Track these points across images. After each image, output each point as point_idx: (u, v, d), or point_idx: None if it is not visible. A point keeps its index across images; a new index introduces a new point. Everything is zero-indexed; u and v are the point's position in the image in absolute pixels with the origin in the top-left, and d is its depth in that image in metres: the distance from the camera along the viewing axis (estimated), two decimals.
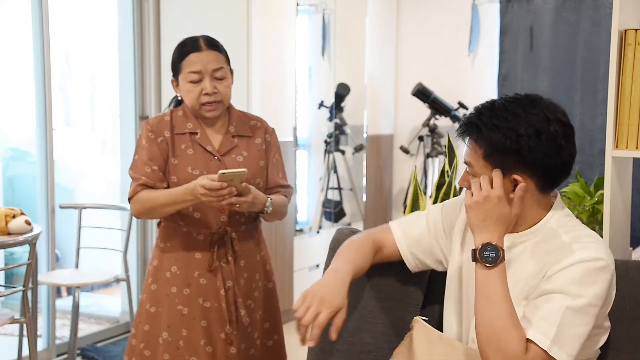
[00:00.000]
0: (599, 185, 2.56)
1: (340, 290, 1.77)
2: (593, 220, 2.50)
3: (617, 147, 2.16)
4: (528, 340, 1.62)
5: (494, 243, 1.66)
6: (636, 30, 2.13)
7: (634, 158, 2.22)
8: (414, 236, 1.93)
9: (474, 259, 1.67)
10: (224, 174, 2.20)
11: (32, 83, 4.03)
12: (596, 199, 2.53)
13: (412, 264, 1.96)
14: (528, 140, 1.65)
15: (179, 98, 2.52)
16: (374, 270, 2.06)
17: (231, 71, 2.48)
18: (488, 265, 1.65)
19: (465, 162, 1.75)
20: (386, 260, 1.97)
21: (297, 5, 4.72)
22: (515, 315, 1.63)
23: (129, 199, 2.42)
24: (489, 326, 1.63)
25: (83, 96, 5.87)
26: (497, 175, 1.69)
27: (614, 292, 1.75)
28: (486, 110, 1.71)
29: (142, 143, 2.44)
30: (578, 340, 1.63)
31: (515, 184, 1.68)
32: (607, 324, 1.78)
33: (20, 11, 4.34)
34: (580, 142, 5.23)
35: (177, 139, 2.43)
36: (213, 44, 2.45)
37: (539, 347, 1.61)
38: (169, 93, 4.60)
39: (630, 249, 2.42)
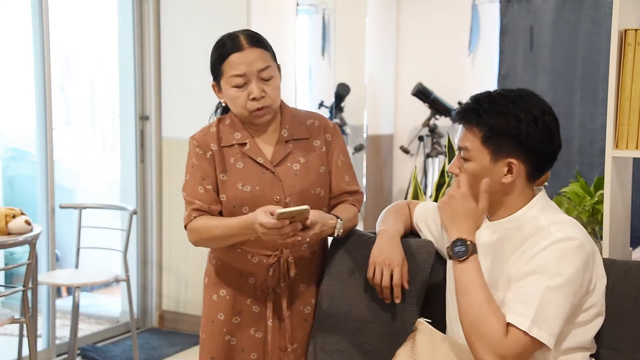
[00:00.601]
0: (599, 185, 2.56)
1: (396, 247, 2.04)
2: (593, 220, 2.49)
3: (617, 147, 2.16)
4: (508, 324, 1.67)
5: (463, 237, 1.76)
6: (636, 30, 2.13)
7: (634, 158, 2.22)
8: (426, 220, 2.14)
9: (449, 255, 1.77)
10: (282, 213, 1.88)
11: (32, 83, 4.03)
12: (596, 199, 2.53)
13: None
14: (527, 126, 1.76)
15: (223, 104, 2.22)
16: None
17: (278, 67, 2.15)
18: (460, 259, 1.75)
19: (460, 147, 1.83)
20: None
21: (297, 5, 4.72)
22: (493, 302, 1.70)
23: (185, 226, 2.17)
24: (468, 315, 1.71)
25: (83, 96, 5.87)
26: (463, 176, 1.82)
27: (602, 279, 1.79)
28: (485, 98, 1.82)
29: (192, 161, 2.17)
30: (558, 320, 1.67)
31: (510, 168, 1.78)
32: (601, 307, 1.80)
33: (20, 11, 4.34)
34: (580, 142, 5.26)
35: (226, 152, 2.15)
36: (256, 40, 2.11)
37: (519, 329, 1.66)
38: (169, 93, 4.61)
39: (630, 249, 2.42)
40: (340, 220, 2.10)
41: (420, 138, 5.44)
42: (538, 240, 1.73)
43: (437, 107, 5.26)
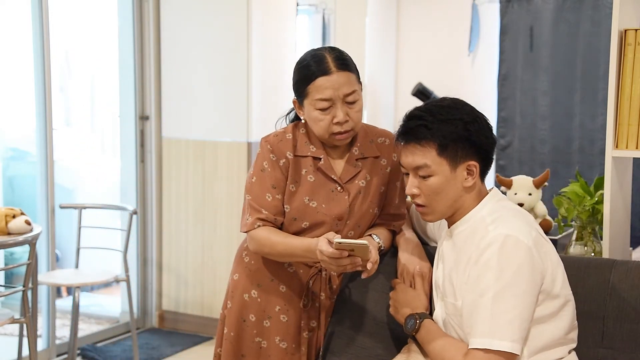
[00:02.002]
0: (599, 185, 2.56)
1: (423, 256, 2.07)
2: (593, 220, 2.49)
3: (617, 147, 2.16)
4: (470, 350, 1.71)
5: (411, 313, 1.90)
6: (636, 30, 2.13)
7: (634, 158, 2.22)
8: (419, 220, 2.18)
9: (411, 336, 1.90)
10: (340, 243, 1.84)
11: (32, 83, 4.03)
12: (596, 199, 2.53)
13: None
14: (473, 126, 1.82)
15: (303, 121, 2.17)
16: (390, 277, 2.09)
17: (361, 86, 2.12)
18: (415, 331, 1.87)
19: (417, 166, 1.84)
20: None
21: (297, 5, 4.72)
22: (450, 339, 1.81)
23: (246, 231, 2.14)
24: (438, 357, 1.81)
25: (83, 96, 5.87)
26: (398, 286, 2.00)
27: (557, 266, 1.78)
28: (424, 112, 1.86)
29: (263, 165, 2.12)
30: (517, 323, 1.68)
31: (470, 170, 1.82)
32: (567, 295, 1.79)
33: (20, 11, 4.34)
34: (580, 142, 5.26)
35: (300, 161, 2.12)
36: (343, 63, 2.06)
37: (479, 349, 1.69)
38: (169, 93, 4.60)
39: (630, 249, 2.42)
40: (379, 239, 2.11)
41: None
42: (479, 242, 1.75)
43: None
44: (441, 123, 1.81)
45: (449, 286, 1.83)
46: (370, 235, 2.12)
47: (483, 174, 1.87)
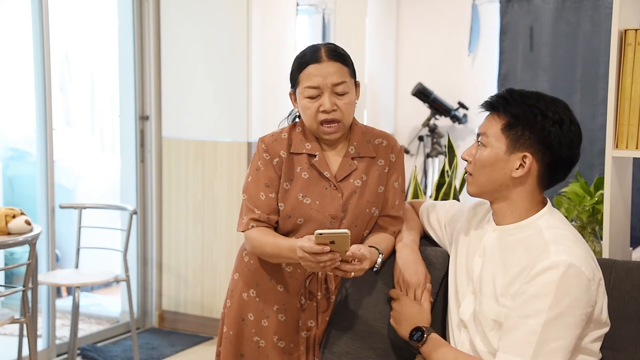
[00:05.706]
0: (599, 185, 2.56)
1: (419, 263, 2.04)
2: (593, 220, 2.49)
3: (617, 147, 2.16)
4: None
5: (417, 326, 1.90)
6: (636, 30, 2.13)
7: (634, 158, 2.22)
8: (429, 221, 2.17)
9: (415, 348, 1.89)
10: (321, 234, 1.83)
11: (32, 83, 4.03)
12: (596, 199, 2.53)
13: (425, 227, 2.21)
14: (551, 124, 1.75)
15: (297, 113, 2.21)
16: (387, 277, 2.08)
17: (357, 84, 2.15)
18: (421, 343, 1.86)
19: (479, 133, 1.83)
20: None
21: (297, 5, 4.72)
22: (463, 354, 1.81)
23: (241, 231, 2.17)
24: None
25: (83, 96, 5.87)
26: (400, 299, 1.98)
27: (601, 298, 1.75)
28: (518, 91, 1.82)
29: (257, 164, 2.15)
30: (560, 353, 1.66)
31: (523, 162, 1.76)
32: (605, 326, 1.78)
33: (20, 11, 4.34)
34: None
35: (294, 159, 2.14)
36: (336, 54, 2.09)
37: None
38: (169, 93, 4.60)
39: (630, 249, 2.42)
40: (382, 255, 2.06)
41: (420, 138, 5.44)
42: (537, 259, 1.70)
43: (437, 107, 5.26)
44: (522, 105, 1.77)
45: (489, 285, 1.79)
46: (374, 247, 2.06)
47: (542, 179, 1.79)
